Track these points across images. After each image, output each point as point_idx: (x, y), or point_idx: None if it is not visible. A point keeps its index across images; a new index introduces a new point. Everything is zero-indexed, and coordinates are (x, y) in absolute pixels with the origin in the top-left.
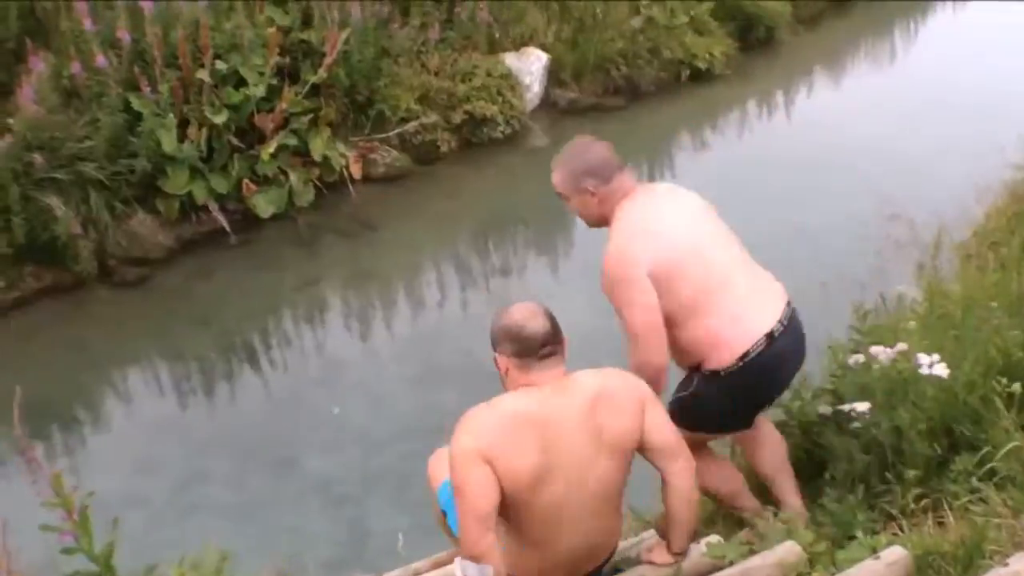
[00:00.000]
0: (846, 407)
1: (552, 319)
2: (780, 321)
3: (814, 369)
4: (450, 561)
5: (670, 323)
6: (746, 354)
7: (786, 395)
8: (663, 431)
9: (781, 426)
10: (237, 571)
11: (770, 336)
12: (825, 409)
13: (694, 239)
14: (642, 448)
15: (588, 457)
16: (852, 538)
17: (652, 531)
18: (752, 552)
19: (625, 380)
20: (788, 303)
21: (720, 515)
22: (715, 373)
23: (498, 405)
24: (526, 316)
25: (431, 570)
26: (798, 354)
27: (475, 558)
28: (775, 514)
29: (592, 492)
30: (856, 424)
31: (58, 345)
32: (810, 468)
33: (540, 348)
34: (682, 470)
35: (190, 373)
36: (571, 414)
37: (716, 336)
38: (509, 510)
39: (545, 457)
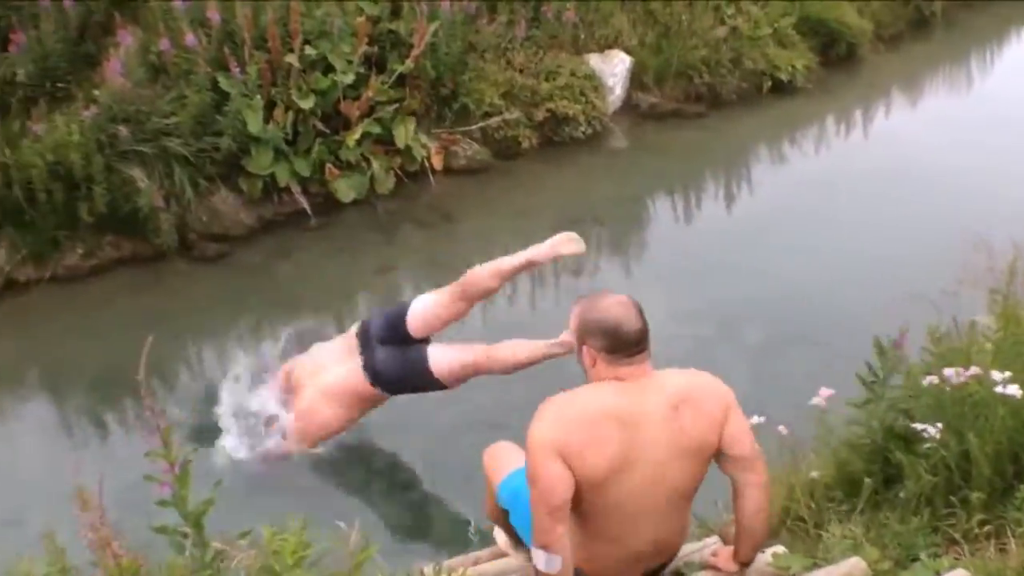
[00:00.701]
0: (918, 427)
1: (643, 315)
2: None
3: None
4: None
5: None
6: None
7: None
8: (743, 441)
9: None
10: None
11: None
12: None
13: None
14: (719, 456)
15: (667, 456)
16: (915, 559)
17: (715, 537)
18: (816, 565)
19: (712, 384)
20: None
21: (784, 526)
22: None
23: (580, 397)
24: (623, 314)
25: (492, 560)
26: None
27: (544, 547)
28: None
29: (667, 490)
30: (927, 445)
31: (134, 314)
32: (875, 484)
33: (634, 346)
34: (756, 483)
35: (264, 350)
36: (654, 412)
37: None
38: (583, 502)
39: (623, 452)
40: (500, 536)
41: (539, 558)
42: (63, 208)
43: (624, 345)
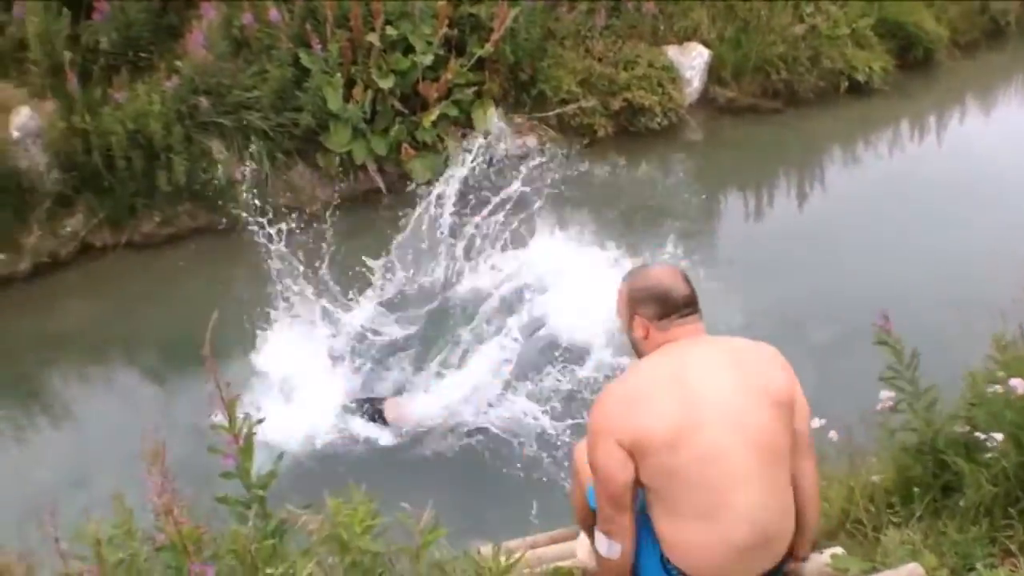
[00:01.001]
0: (981, 435)
1: (690, 281)
2: None
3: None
4: (572, 537)
5: None
6: None
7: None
8: (807, 420)
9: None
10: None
11: None
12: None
13: None
14: None
15: (741, 402)
16: (972, 569)
17: None
18: (875, 569)
19: (774, 349)
20: None
21: (843, 528)
22: None
23: (629, 373)
24: (671, 280)
25: (549, 544)
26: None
27: (607, 534)
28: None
29: (754, 441)
30: (989, 455)
31: (207, 283)
32: (934, 491)
33: (683, 308)
34: (811, 469)
35: (336, 322)
36: (715, 360)
37: None
38: (662, 475)
39: (687, 410)
40: (583, 548)
41: (601, 542)
42: (141, 176)
43: (675, 308)
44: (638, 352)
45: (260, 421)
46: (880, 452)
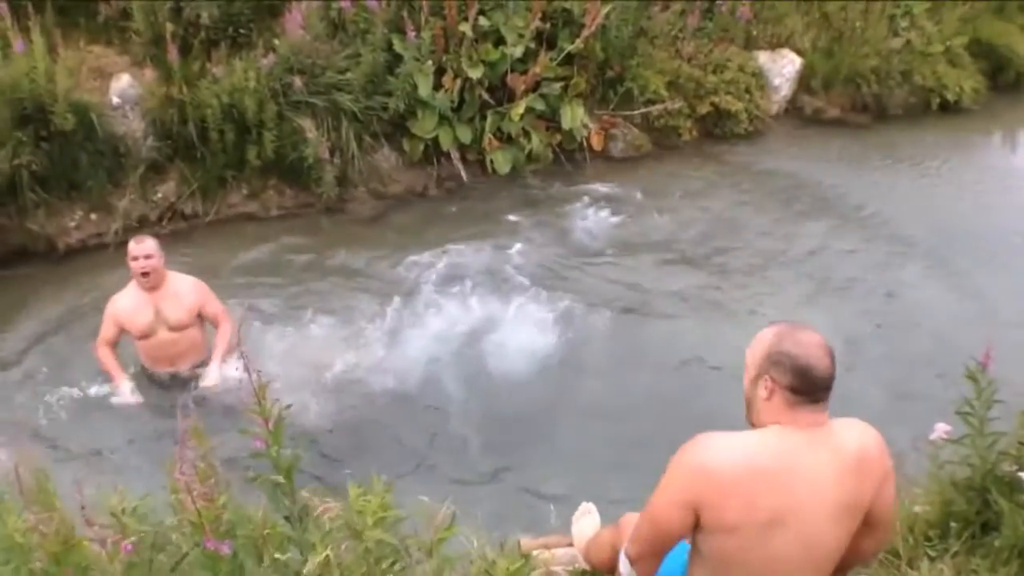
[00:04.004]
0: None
1: (835, 363)
2: None
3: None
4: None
5: None
6: None
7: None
8: (891, 507)
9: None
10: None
11: None
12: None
13: None
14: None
15: (828, 519)
16: None
17: None
18: None
19: (880, 443)
20: None
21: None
22: None
23: (741, 444)
24: (819, 355)
25: (561, 546)
26: None
27: (631, 560)
28: None
29: (819, 555)
30: None
31: (288, 256)
32: (973, 528)
33: (820, 392)
34: (881, 543)
35: (414, 302)
36: (824, 472)
37: None
38: (725, 549)
39: (776, 509)
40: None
41: (624, 563)
42: (233, 149)
43: (812, 389)
44: (751, 412)
45: (288, 407)
46: (928, 483)
